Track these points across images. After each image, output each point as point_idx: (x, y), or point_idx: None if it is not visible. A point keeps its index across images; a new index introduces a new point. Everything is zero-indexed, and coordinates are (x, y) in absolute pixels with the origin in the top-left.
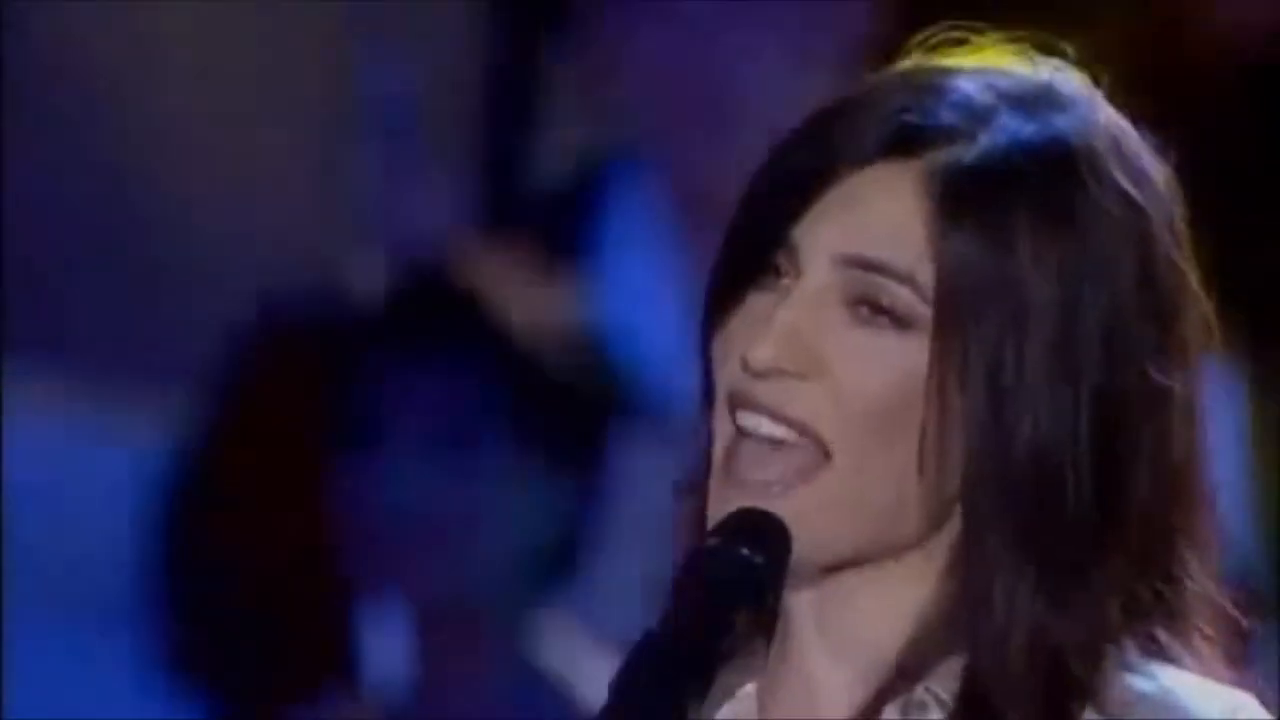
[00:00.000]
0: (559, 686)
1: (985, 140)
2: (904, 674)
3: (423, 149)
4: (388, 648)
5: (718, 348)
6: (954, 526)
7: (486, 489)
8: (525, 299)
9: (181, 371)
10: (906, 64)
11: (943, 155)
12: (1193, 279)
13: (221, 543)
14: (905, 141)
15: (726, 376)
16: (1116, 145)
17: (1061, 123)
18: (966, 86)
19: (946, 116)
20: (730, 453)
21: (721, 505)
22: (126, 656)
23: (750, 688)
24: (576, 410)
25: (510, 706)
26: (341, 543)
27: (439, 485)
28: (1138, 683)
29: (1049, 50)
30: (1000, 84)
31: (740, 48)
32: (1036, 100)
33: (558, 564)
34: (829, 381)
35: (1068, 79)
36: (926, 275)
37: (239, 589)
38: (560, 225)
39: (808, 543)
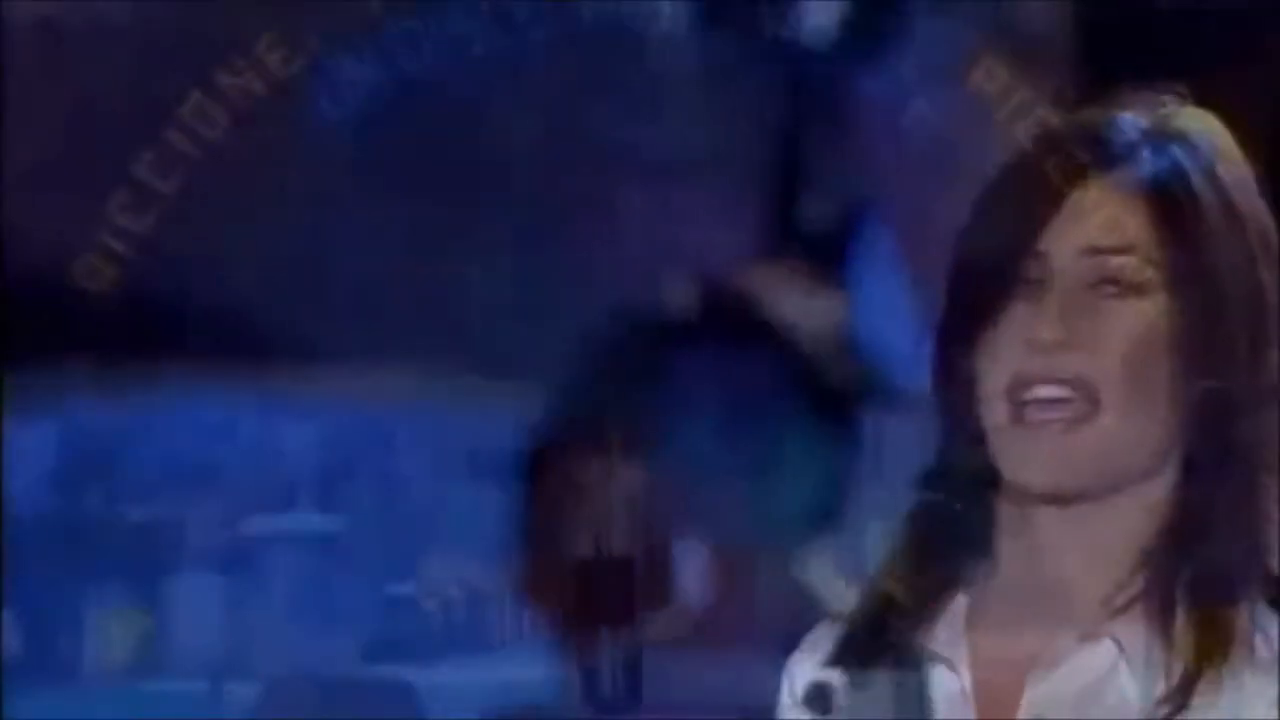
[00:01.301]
0: (820, 607)
1: (1157, 156)
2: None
3: (724, 196)
4: (691, 578)
5: (990, 352)
6: (1175, 459)
7: (770, 455)
8: (802, 312)
9: (536, 371)
10: (1073, 115)
11: (1136, 167)
12: None
13: (568, 497)
14: (1107, 160)
15: (1010, 365)
16: (1240, 166)
17: (1196, 146)
18: (1126, 121)
19: (1129, 137)
20: (1015, 417)
21: (1012, 449)
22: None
23: (960, 606)
24: (839, 395)
25: (780, 619)
26: (658, 499)
27: (734, 452)
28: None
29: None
30: (1141, 119)
31: (955, 124)
32: (1171, 130)
33: (822, 512)
34: (1093, 349)
35: (1190, 116)
36: (1147, 249)
37: (579, 536)
38: (825, 255)
39: (1081, 474)
